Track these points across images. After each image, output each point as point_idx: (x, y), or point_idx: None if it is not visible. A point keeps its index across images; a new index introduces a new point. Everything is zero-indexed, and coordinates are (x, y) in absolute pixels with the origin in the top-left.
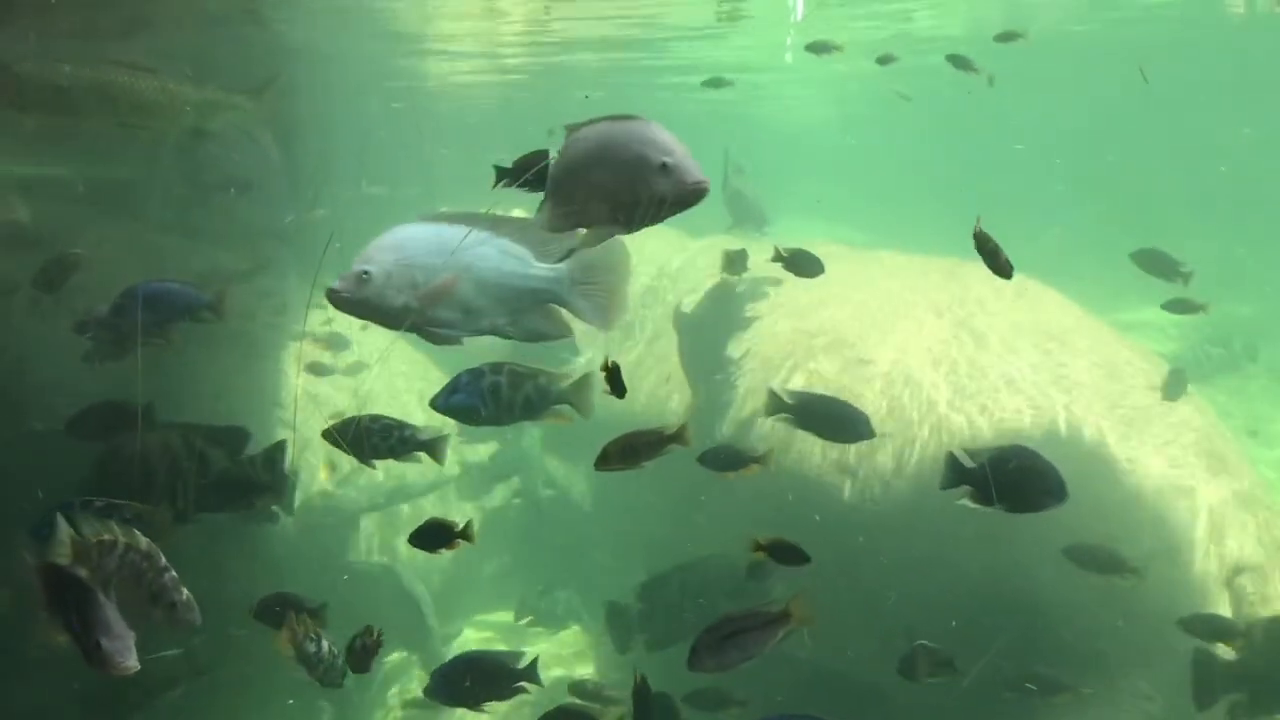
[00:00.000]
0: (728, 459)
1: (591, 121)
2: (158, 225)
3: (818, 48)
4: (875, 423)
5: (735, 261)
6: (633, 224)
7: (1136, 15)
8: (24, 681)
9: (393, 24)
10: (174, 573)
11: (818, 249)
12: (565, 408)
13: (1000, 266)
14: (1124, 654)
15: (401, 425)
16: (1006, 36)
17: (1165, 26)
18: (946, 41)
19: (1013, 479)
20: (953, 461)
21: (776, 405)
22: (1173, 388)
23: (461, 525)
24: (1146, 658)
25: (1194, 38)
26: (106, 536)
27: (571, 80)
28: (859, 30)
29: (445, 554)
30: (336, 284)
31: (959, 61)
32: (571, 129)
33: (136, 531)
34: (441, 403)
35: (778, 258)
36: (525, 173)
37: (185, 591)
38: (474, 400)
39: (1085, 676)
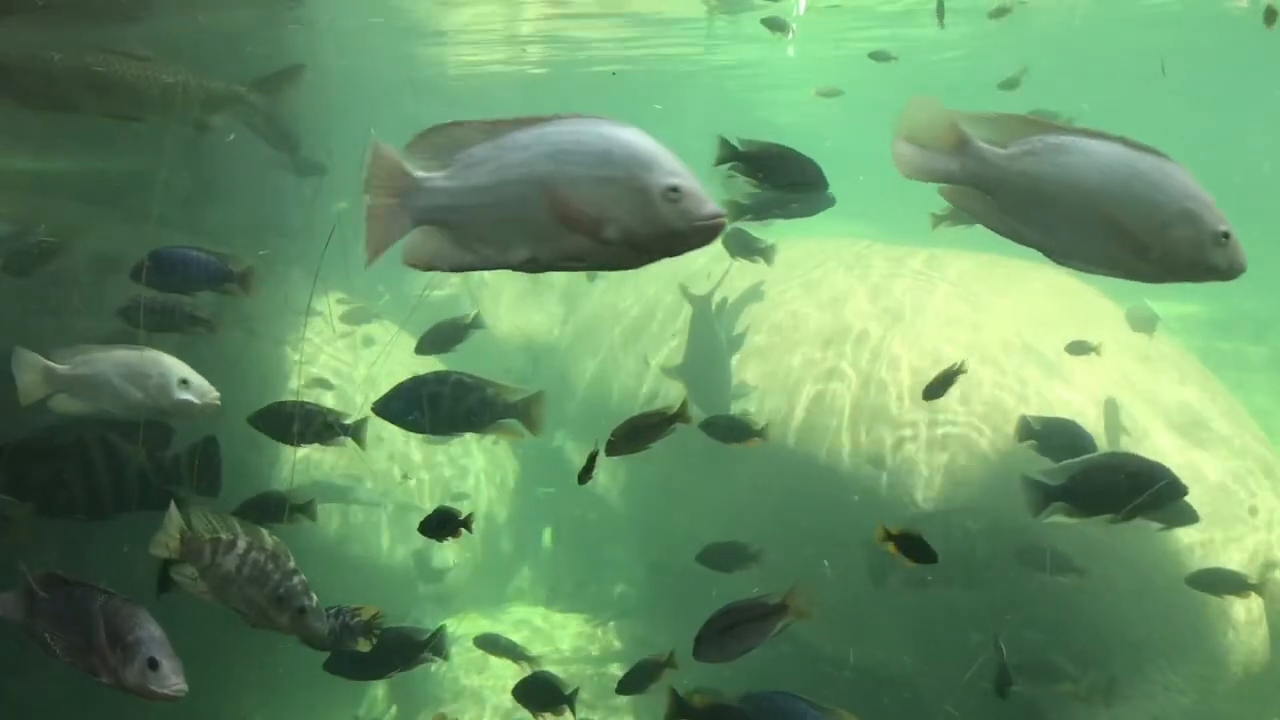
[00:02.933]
0: (730, 429)
1: (1063, 126)
2: (160, 220)
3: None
4: (902, 412)
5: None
6: (1118, 274)
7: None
8: (24, 677)
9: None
10: (303, 575)
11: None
12: (512, 423)
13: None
14: (1158, 646)
15: (324, 411)
16: (999, 12)
17: (1170, 23)
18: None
19: (1121, 486)
20: (1034, 485)
21: (1026, 432)
22: (1138, 321)
23: (464, 515)
24: (1181, 651)
25: (1200, 30)
26: (225, 535)
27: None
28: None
29: (465, 549)
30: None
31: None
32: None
33: (263, 530)
34: (381, 407)
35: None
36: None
37: (315, 596)
38: (413, 408)
39: (1118, 667)
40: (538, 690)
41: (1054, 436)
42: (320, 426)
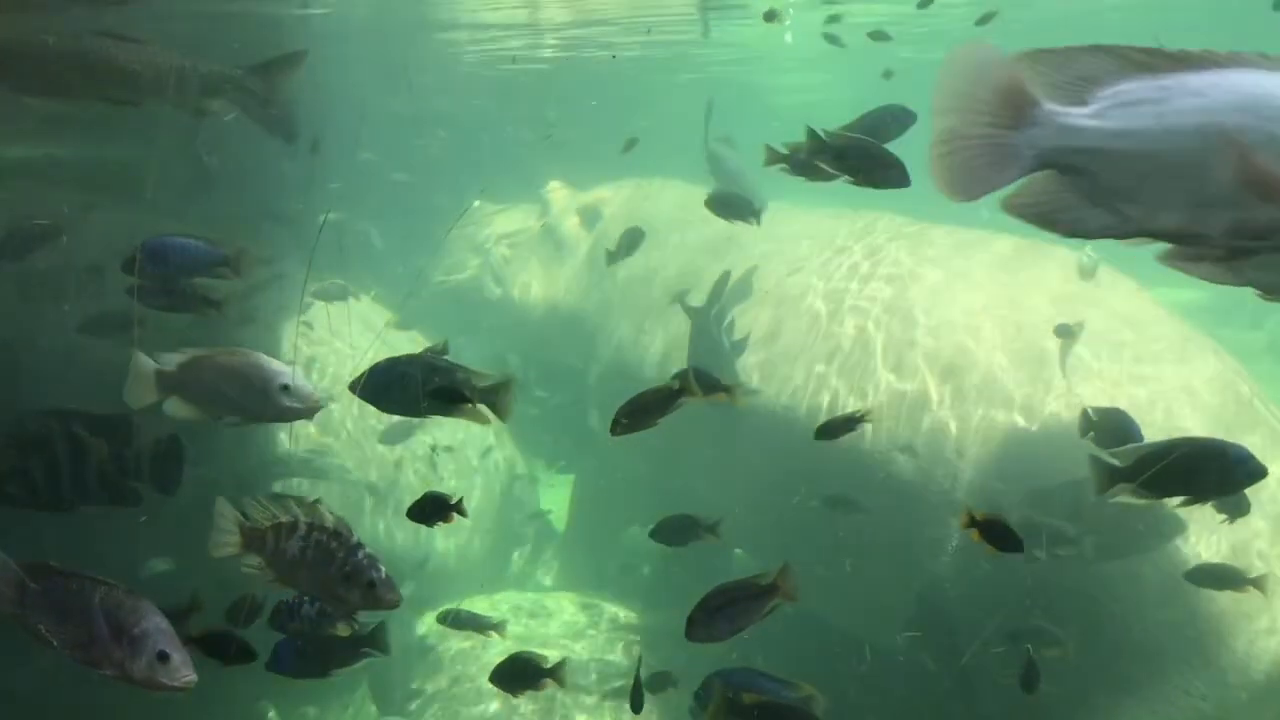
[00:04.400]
0: (700, 383)
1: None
2: (152, 206)
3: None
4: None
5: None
6: None
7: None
8: (24, 662)
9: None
10: (368, 549)
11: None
12: (481, 408)
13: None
14: (1182, 651)
15: None
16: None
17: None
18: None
19: (1193, 468)
20: (1101, 465)
21: (1086, 425)
22: (1084, 270)
23: (455, 499)
24: (1205, 658)
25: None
26: (284, 518)
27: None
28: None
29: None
30: None
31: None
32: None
33: (323, 509)
34: (355, 388)
35: None
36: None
37: (383, 568)
38: (383, 389)
39: (1139, 668)
40: (517, 672)
41: (1111, 426)
42: None
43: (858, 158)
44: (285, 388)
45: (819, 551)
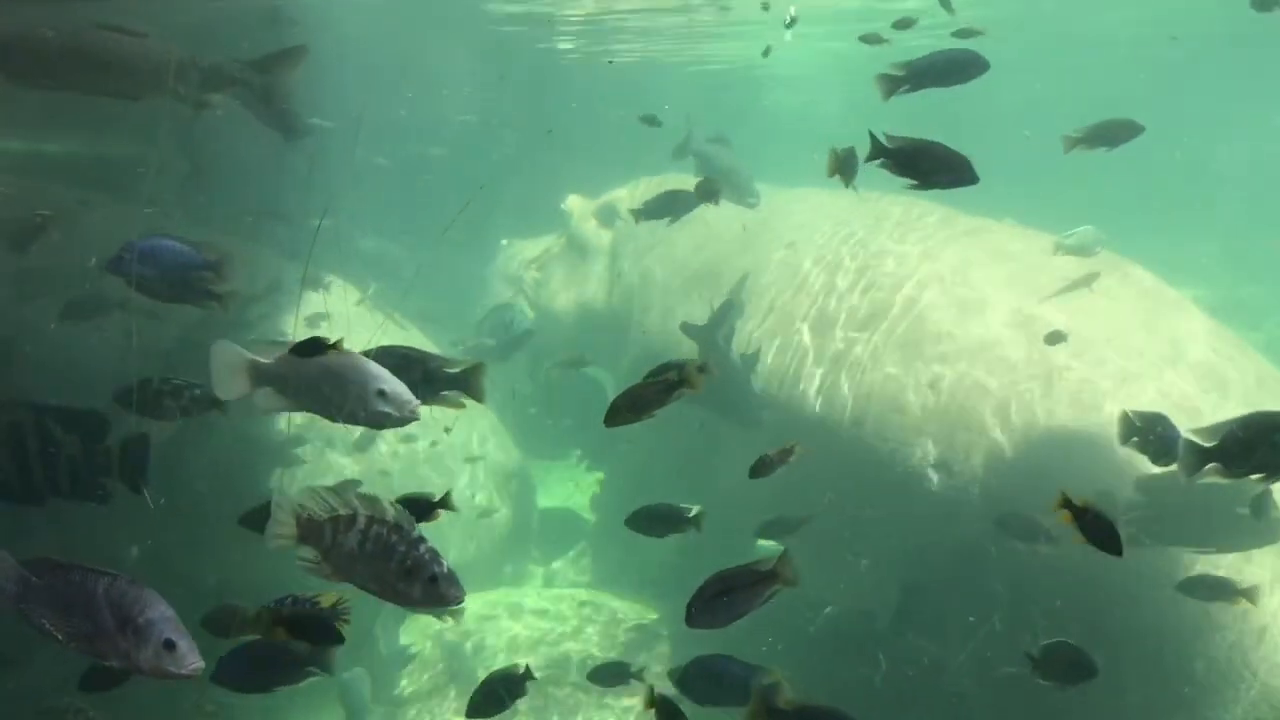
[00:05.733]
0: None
1: None
2: (149, 202)
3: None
4: (948, 411)
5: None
6: None
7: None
8: (26, 661)
9: None
10: (430, 543)
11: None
12: (454, 394)
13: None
14: (1214, 684)
15: (191, 385)
16: (965, 33)
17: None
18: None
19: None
20: (1188, 445)
21: (1129, 429)
22: (1080, 246)
23: (440, 496)
24: (1236, 691)
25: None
26: (343, 511)
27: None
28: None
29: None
30: None
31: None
32: None
33: (384, 502)
34: None
35: None
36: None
37: (445, 563)
38: None
39: (1168, 698)
40: (494, 690)
41: (1152, 430)
42: (188, 401)
43: (922, 161)
44: (382, 393)
45: (844, 550)
